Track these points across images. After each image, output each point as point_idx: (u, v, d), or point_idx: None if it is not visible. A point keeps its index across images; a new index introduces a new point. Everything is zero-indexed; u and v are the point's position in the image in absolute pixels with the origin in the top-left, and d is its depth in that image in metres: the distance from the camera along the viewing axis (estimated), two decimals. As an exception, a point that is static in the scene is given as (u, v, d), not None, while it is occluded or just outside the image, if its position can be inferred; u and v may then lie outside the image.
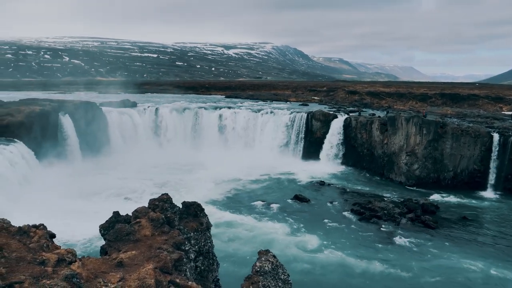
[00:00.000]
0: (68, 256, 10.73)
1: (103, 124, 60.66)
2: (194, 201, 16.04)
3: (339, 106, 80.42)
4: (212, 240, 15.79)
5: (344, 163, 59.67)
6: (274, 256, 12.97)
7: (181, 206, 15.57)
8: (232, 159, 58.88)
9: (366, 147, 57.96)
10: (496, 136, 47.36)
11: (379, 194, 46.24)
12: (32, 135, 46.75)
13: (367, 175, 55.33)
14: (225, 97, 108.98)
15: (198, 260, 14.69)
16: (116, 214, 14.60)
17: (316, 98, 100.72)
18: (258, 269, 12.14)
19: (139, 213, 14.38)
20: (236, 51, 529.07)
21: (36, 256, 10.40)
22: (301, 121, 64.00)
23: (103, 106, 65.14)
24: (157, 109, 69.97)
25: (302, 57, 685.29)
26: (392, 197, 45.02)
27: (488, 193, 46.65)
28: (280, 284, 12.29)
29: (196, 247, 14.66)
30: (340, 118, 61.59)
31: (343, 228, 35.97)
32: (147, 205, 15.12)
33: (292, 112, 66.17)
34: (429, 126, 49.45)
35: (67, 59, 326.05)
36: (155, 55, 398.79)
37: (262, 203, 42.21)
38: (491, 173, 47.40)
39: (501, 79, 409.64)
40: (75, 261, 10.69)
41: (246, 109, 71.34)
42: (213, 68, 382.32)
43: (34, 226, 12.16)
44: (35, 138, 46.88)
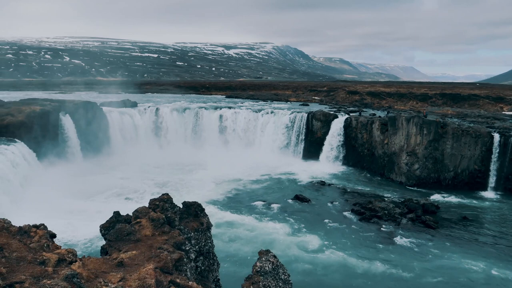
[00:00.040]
0: (69, 256, 10.73)
1: (104, 124, 60.71)
2: (194, 201, 16.02)
3: (340, 106, 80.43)
4: (212, 240, 15.78)
5: (344, 163, 59.66)
6: (275, 256, 12.96)
7: (181, 206, 15.56)
8: (232, 159, 58.89)
9: (366, 147, 57.94)
10: (496, 136, 47.33)
11: (379, 194, 46.22)
12: (33, 135, 46.79)
13: (368, 175, 55.31)
14: (225, 97, 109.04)
15: (198, 260, 14.69)
16: (116, 214, 14.59)
17: (316, 98, 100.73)
18: (259, 269, 12.14)
19: (139, 213, 14.38)
20: (236, 51, 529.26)
21: (37, 256, 10.40)
22: (301, 121, 64.01)
23: (104, 106, 65.21)
24: (157, 109, 69.99)
25: (302, 57, 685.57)
26: (392, 197, 45.00)
27: (489, 193, 46.61)
28: (280, 284, 12.28)
29: (197, 247, 14.66)
30: (341, 118, 61.58)
31: (343, 228, 35.96)
32: (147, 205, 15.12)
33: (292, 112, 66.16)
34: (429, 126, 49.43)
35: (68, 59, 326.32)
36: (155, 55, 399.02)
37: (262, 203, 42.21)
38: (492, 173, 47.37)
39: (501, 79, 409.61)
40: (76, 261, 10.69)
41: (246, 109, 71.34)
42: (213, 68, 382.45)
43: (35, 226, 12.16)
44: (35, 138, 46.93)
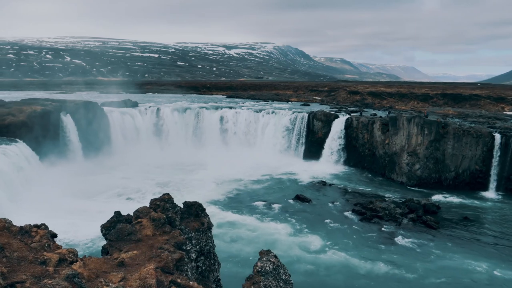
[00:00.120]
0: (70, 256, 10.73)
1: (105, 124, 60.72)
2: (195, 201, 16.02)
3: (341, 106, 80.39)
4: (213, 240, 15.77)
5: (345, 163, 59.63)
6: (276, 256, 12.95)
7: (182, 206, 15.56)
8: (233, 159, 58.91)
9: (367, 147, 57.90)
10: (498, 137, 47.26)
11: (380, 194, 46.18)
12: (34, 135, 46.81)
13: (369, 175, 55.27)
14: (226, 97, 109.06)
15: (199, 260, 14.69)
16: (117, 214, 14.58)
17: (317, 98, 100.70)
18: (260, 269, 12.13)
19: (140, 213, 14.37)
20: (237, 51, 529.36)
21: (38, 255, 10.40)
22: (302, 121, 63.98)
23: (105, 106, 65.25)
24: (158, 109, 70.02)
25: (303, 57, 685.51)
26: (393, 197, 44.96)
27: (490, 193, 46.55)
28: (281, 284, 12.27)
29: (198, 247, 14.65)
30: (342, 118, 61.54)
31: (345, 228, 35.94)
32: (148, 205, 15.12)
33: (293, 112, 66.14)
34: (430, 126, 49.38)
35: (69, 59, 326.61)
36: (156, 55, 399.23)
37: (263, 204, 42.20)
38: (493, 173, 47.31)
39: (503, 79, 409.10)
40: (77, 261, 10.68)
41: (247, 109, 71.36)
42: (214, 68, 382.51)
43: (36, 226, 12.16)
44: (36, 138, 46.95)
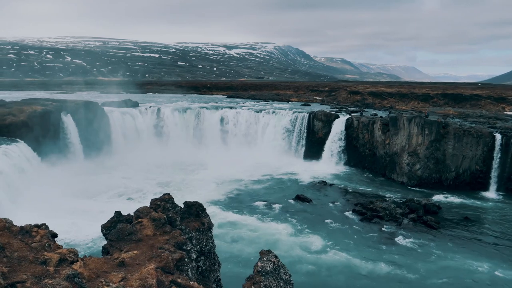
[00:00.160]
0: (70, 255, 10.73)
1: (105, 124, 60.75)
2: (195, 201, 16.02)
3: (341, 106, 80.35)
4: (213, 240, 15.77)
5: (346, 163, 59.62)
6: (276, 256, 12.94)
7: (182, 206, 15.56)
8: (234, 159, 58.93)
9: (368, 147, 57.89)
10: (498, 137, 47.23)
11: (381, 194, 46.17)
12: (34, 134, 46.83)
13: (369, 175, 55.26)
14: (227, 97, 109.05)
15: (199, 260, 14.69)
16: (118, 213, 14.58)
17: (318, 98, 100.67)
18: (260, 269, 12.12)
19: (140, 212, 14.37)
20: (238, 51, 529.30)
21: (38, 255, 10.41)
22: (303, 121, 63.99)
23: (105, 106, 65.28)
24: (159, 109, 70.04)
25: (304, 57, 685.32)
26: (394, 197, 44.95)
27: (491, 193, 46.53)
28: (281, 284, 12.27)
29: (198, 247, 14.65)
30: (342, 118, 61.54)
31: (346, 228, 35.93)
32: (149, 205, 15.12)
33: (294, 112, 66.14)
34: (431, 127, 49.36)
35: (69, 59, 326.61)
36: (157, 55, 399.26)
37: (264, 204, 42.21)
38: (493, 173, 47.28)
39: (504, 79, 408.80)
40: (77, 260, 10.68)
41: (248, 109, 71.37)
42: (215, 68, 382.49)
43: (36, 226, 12.16)
44: (37, 138, 46.98)
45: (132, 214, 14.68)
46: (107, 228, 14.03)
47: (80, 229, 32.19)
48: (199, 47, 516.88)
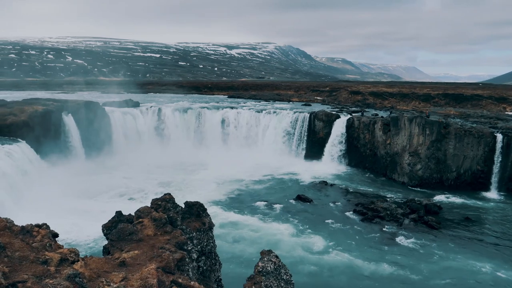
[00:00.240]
0: (71, 255, 10.74)
1: (106, 124, 60.79)
2: (196, 201, 16.02)
3: (342, 106, 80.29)
4: (214, 240, 15.77)
5: (346, 163, 59.59)
6: (277, 256, 12.94)
7: (183, 206, 15.56)
8: (234, 159, 58.93)
9: (368, 147, 57.85)
10: (499, 137, 47.17)
11: (381, 194, 46.13)
12: (35, 134, 46.88)
13: (370, 175, 55.21)
14: (227, 97, 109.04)
15: (200, 260, 14.69)
16: (118, 213, 14.59)
17: (318, 98, 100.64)
18: (261, 269, 12.12)
19: (141, 212, 14.37)
20: (238, 51, 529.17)
21: (39, 255, 10.41)
22: (303, 121, 63.96)
23: (106, 106, 65.33)
24: (159, 109, 70.07)
25: (305, 57, 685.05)
26: (394, 197, 44.91)
27: (492, 193, 46.47)
28: (282, 284, 12.26)
29: (199, 247, 14.65)
30: (343, 118, 61.51)
31: (347, 229, 35.90)
32: (150, 205, 15.12)
33: (295, 112, 66.11)
34: (432, 127, 49.31)
35: (70, 59, 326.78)
36: (158, 55, 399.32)
37: (265, 204, 42.20)
38: (495, 173, 47.21)
39: (504, 79, 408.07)
40: (78, 260, 10.69)
41: (248, 109, 71.34)
42: (215, 68, 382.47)
43: (37, 226, 12.17)
44: (38, 138, 47.01)
45: (133, 214, 14.68)
46: (108, 228, 14.04)
47: (81, 229, 32.20)
48: (200, 47, 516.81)
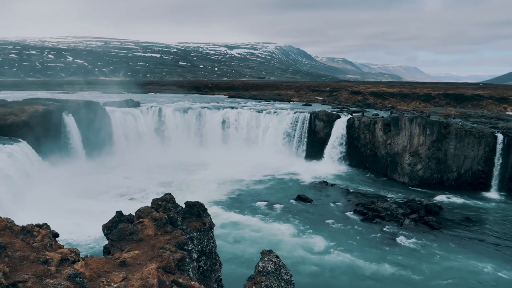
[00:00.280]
0: (71, 255, 10.74)
1: (107, 124, 60.80)
2: (197, 201, 16.02)
3: (342, 106, 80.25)
4: (215, 240, 15.77)
5: (347, 164, 59.57)
6: (277, 256, 12.93)
7: (184, 206, 15.56)
8: (235, 159, 58.92)
9: (369, 148, 57.83)
10: (500, 137, 47.13)
11: (382, 194, 46.11)
12: (36, 134, 46.89)
13: (370, 175, 55.20)
14: (228, 97, 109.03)
15: (201, 260, 14.68)
16: (119, 213, 14.58)
17: (319, 98, 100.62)
18: (261, 269, 12.12)
19: (142, 212, 14.37)
20: (239, 51, 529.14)
21: (40, 255, 10.41)
22: (304, 121, 63.96)
23: (107, 106, 65.35)
24: (160, 109, 70.10)
25: (305, 57, 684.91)
26: (395, 197, 44.88)
27: (492, 194, 46.44)
28: (283, 284, 12.26)
29: (199, 247, 14.65)
30: (343, 118, 61.50)
31: (347, 229, 35.88)
32: (150, 204, 15.11)
33: (295, 112, 66.11)
34: (432, 127, 49.28)
35: (71, 59, 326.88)
36: (158, 55, 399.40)
37: (266, 204, 42.19)
38: (495, 174, 47.18)
39: (505, 79, 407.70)
40: (78, 260, 10.69)
41: (249, 109, 71.34)
42: (216, 68, 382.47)
43: (38, 226, 12.17)
44: (38, 138, 47.03)
45: (133, 214, 14.68)
46: (108, 228, 14.03)
47: (81, 229, 32.19)
48: (201, 47, 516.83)
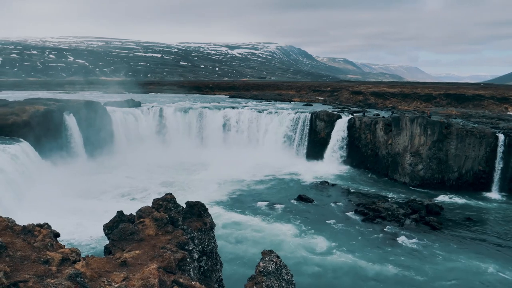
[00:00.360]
0: (72, 255, 10.74)
1: (107, 124, 60.84)
2: (197, 201, 16.02)
3: (343, 106, 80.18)
4: (215, 240, 15.77)
5: (348, 164, 59.53)
6: (278, 257, 12.93)
7: (185, 206, 15.56)
8: (236, 159, 58.90)
9: (370, 148, 57.79)
10: (501, 137, 47.08)
11: (383, 194, 46.08)
12: (37, 134, 46.95)
13: (371, 175, 55.17)
14: (229, 97, 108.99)
15: (201, 260, 14.68)
16: (120, 213, 14.59)
17: (320, 98, 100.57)
18: (262, 269, 12.11)
19: (143, 212, 14.37)
20: (240, 51, 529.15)
21: (41, 255, 10.42)
22: (305, 121, 63.94)
23: (108, 106, 65.40)
24: (161, 109, 70.12)
25: (306, 57, 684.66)
26: (396, 197, 44.85)
27: (493, 194, 46.40)
28: (283, 284, 12.25)
29: (200, 247, 14.65)
30: (344, 119, 61.48)
31: (348, 229, 35.84)
32: (151, 204, 15.12)
33: (296, 112, 66.09)
34: (433, 127, 49.24)
35: (72, 59, 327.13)
36: (159, 55, 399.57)
37: (267, 204, 42.18)
38: (496, 174, 47.13)
39: (506, 79, 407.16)
40: (79, 260, 10.69)
41: (250, 109, 71.31)
42: (217, 68, 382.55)
43: (39, 225, 12.17)
44: (39, 138, 47.08)
45: (134, 214, 14.68)
46: (109, 228, 14.04)
47: (82, 228, 32.24)
48: (201, 47, 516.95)
